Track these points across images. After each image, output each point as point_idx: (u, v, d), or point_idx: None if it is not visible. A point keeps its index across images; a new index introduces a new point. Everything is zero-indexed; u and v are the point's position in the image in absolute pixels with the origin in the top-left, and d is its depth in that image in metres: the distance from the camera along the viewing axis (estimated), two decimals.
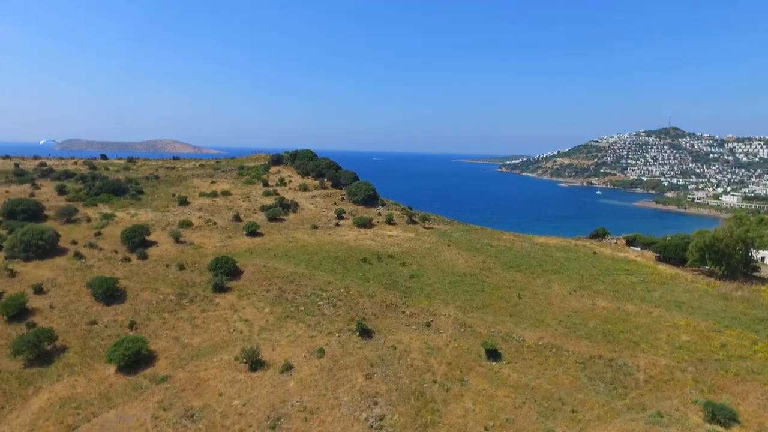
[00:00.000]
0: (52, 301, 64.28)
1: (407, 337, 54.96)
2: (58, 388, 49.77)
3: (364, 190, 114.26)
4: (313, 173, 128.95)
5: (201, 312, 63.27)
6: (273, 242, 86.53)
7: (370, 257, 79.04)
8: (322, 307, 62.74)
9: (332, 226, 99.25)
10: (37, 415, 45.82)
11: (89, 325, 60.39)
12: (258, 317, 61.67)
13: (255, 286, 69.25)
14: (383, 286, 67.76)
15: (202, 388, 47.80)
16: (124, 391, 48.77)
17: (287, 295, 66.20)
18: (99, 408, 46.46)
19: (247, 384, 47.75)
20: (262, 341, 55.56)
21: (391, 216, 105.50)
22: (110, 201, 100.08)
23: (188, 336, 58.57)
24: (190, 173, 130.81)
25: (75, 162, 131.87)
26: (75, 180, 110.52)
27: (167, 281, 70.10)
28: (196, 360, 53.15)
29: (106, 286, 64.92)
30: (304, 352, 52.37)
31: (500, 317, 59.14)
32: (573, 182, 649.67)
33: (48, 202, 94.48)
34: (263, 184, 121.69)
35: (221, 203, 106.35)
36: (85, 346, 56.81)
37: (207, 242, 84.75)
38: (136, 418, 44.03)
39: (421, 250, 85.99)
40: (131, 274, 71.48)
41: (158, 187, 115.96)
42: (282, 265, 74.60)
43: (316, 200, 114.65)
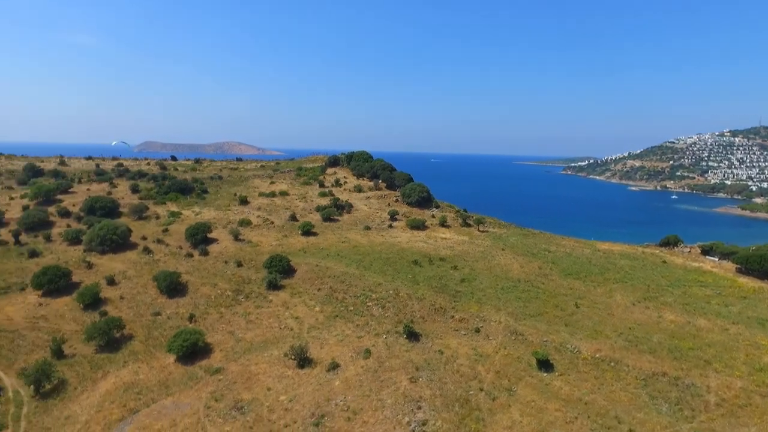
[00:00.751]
0: (122, 292, 69.02)
1: (455, 342, 53.76)
2: (123, 374, 53.21)
3: (418, 191, 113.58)
4: (368, 174, 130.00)
5: (255, 308, 65.37)
6: (326, 242, 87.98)
7: (421, 259, 78.27)
8: (370, 308, 62.85)
9: (385, 227, 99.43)
10: (104, 397, 49.21)
11: (153, 316, 64.21)
12: (308, 315, 62.80)
13: (307, 284, 70.63)
14: (433, 290, 66.81)
15: (252, 381, 49.26)
16: (181, 380, 51.28)
17: (337, 295, 66.94)
18: (158, 394, 49.15)
19: (294, 380, 48.63)
20: (311, 339, 56.46)
21: (445, 218, 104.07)
22: (177, 200, 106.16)
23: (242, 330, 60.70)
24: (251, 174, 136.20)
25: (148, 163, 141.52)
26: (147, 180, 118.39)
27: (225, 277, 73.12)
28: (248, 354, 54.92)
29: (169, 280, 68.77)
30: (351, 352, 52.60)
31: (554, 326, 56.41)
32: (645, 186, 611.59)
33: (123, 200, 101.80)
34: (319, 185, 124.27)
35: (279, 203, 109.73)
36: (149, 336, 60.44)
37: (264, 240, 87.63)
38: (190, 407, 46.11)
39: (474, 253, 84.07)
40: (193, 270, 75.26)
41: (221, 186, 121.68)
42: (334, 265, 75.60)
43: (370, 201, 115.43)
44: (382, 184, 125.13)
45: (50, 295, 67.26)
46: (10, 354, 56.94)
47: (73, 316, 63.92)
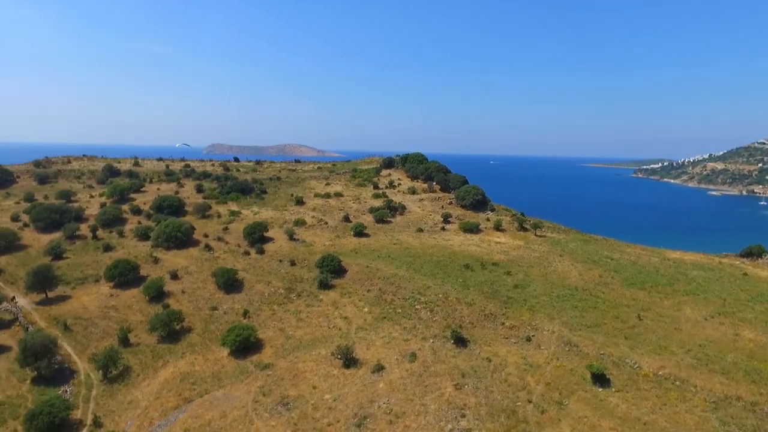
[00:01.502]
0: (183, 286, 72.81)
1: (504, 350, 51.83)
2: (181, 364, 56.01)
3: (473, 194, 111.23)
4: (423, 176, 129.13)
5: (306, 306, 66.61)
6: (378, 243, 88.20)
7: (473, 264, 76.44)
8: (419, 311, 62.11)
9: (438, 230, 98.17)
10: (162, 385, 52.01)
11: (211, 311, 67.15)
12: (357, 316, 63.08)
13: (357, 285, 71.03)
14: (483, 295, 64.97)
15: (299, 379, 50.11)
16: (233, 373, 53.15)
17: (386, 297, 66.77)
18: (211, 386, 51.24)
19: (340, 380, 48.92)
20: (358, 340, 56.62)
21: (500, 222, 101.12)
22: (238, 199, 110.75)
23: (293, 328, 62.02)
24: (308, 175, 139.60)
25: (213, 164, 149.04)
26: (211, 180, 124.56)
27: (279, 275, 75.16)
28: (297, 352, 55.98)
29: (227, 276, 71.70)
30: (397, 355, 52.17)
31: (613, 339, 52.93)
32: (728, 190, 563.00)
33: (188, 199, 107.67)
34: (373, 186, 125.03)
35: (333, 204, 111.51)
36: (205, 329, 63.27)
37: (317, 240, 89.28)
38: (239, 400, 47.65)
39: (529, 259, 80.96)
40: (249, 267, 78.01)
41: (279, 187, 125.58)
42: (384, 267, 75.56)
43: (423, 203, 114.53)
44: (436, 186, 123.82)
45: (120, 287, 72.24)
46: (84, 340, 61.71)
47: (140, 307, 68.21)
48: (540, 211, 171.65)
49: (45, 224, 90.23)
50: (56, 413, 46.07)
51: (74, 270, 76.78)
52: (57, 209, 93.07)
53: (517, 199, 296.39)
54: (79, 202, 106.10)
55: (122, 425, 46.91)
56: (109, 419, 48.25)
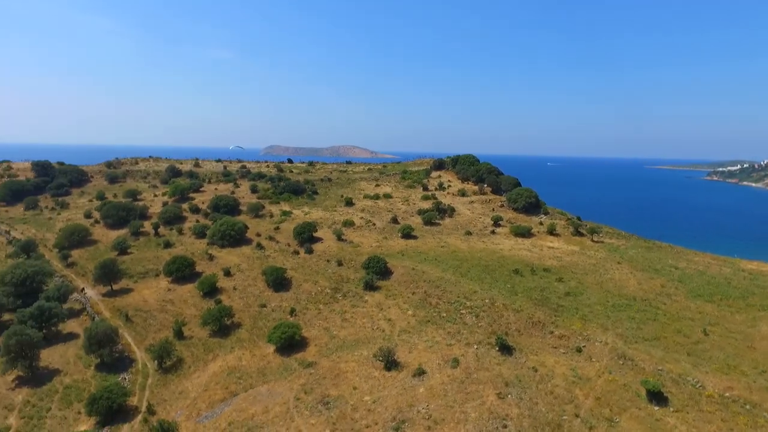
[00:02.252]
0: (235, 283, 75.37)
1: (552, 360, 49.51)
2: (229, 359, 57.90)
3: (525, 197, 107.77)
4: (473, 178, 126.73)
5: (351, 307, 66.95)
6: (425, 246, 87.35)
7: (523, 269, 73.92)
8: (464, 316, 60.74)
9: (487, 233, 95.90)
10: (210, 378, 53.97)
11: (260, 308, 69.02)
12: (401, 318, 62.62)
13: (402, 287, 70.60)
14: (532, 302, 62.55)
15: (340, 379, 50.30)
16: (277, 370, 54.24)
17: (431, 300, 65.86)
18: (256, 381, 52.54)
19: (380, 382, 48.63)
20: (401, 342, 56.12)
21: (554, 226, 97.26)
22: (290, 200, 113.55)
23: (337, 328, 62.51)
24: (358, 176, 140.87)
25: (267, 165, 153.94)
26: (265, 181, 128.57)
27: (326, 275, 76.11)
28: (340, 351, 56.30)
29: (276, 274, 73.48)
30: (439, 360, 51.17)
31: (674, 354, 49.20)
32: None
33: (243, 199, 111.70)
34: (423, 188, 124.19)
35: (382, 205, 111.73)
36: (254, 326, 65.07)
37: (365, 241, 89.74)
38: (281, 396, 48.51)
39: (583, 265, 77.23)
40: (297, 266, 79.58)
41: (330, 188, 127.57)
42: (430, 269, 74.65)
43: (473, 206, 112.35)
44: (487, 189, 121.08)
45: (177, 282, 75.88)
46: (143, 331, 65.25)
47: (194, 302, 71.27)
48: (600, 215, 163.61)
49: (113, 221, 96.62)
50: (114, 399, 48.93)
51: (137, 265, 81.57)
52: (124, 207, 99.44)
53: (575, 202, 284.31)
54: (144, 201, 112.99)
55: (173, 414, 49.08)
56: (162, 407, 50.64)
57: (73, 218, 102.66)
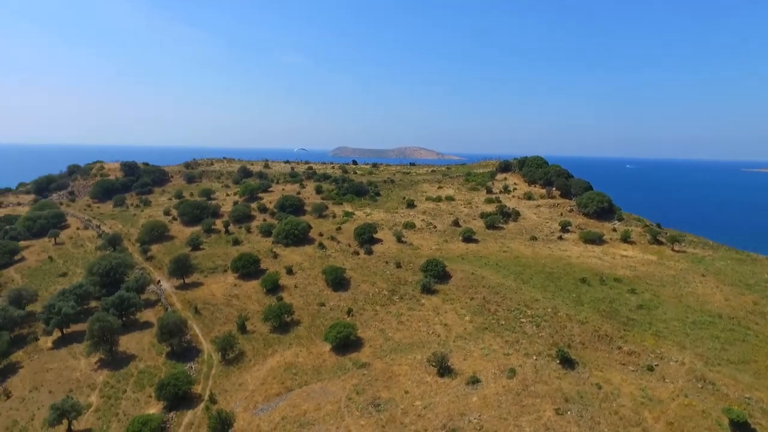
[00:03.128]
0: (297, 281, 77.45)
1: (618, 377, 45.93)
2: (287, 355, 59.46)
3: (597, 201, 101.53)
4: (541, 181, 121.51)
5: (407, 310, 66.44)
6: (486, 250, 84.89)
7: (591, 278, 69.53)
8: (523, 325, 58.14)
9: (554, 239, 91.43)
10: (268, 372, 55.69)
11: (318, 306, 70.39)
12: (457, 324, 61.18)
13: (460, 292, 69.01)
14: (599, 313, 58.59)
15: (392, 381, 49.91)
16: (332, 369, 54.89)
17: (490, 306, 63.75)
18: (310, 378, 53.50)
19: (432, 388, 47.65)
20: (456, 349, 54.75)
21: (629, 233, 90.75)
22: (353, 201, 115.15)
23: (392, 330, 62.24)
24: (421, 178, 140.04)
25: (333, 166, 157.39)
26: (330, 182, 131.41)
27: (384, 276, 76.15)
28: (393, 354, 55.95)
29: (335, 274, 74.63)
30: (495, 369, 49.27)
31: (765, 381, 43.84)
32: None
33: (308, 199, 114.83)
34: (487, 190, 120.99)
35: (444, 208, 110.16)
36: (312, 324, 66.43)
37: (424, 244, 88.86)
38: (334, 395, 48.97)
39: (661, 276, 71.29)
40: (357, 267, 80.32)
41: (392, 190, 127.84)
42: (490, 275, 72.37)
43: (540, 210, 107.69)
44: (556, 192, 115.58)
45: (243, 278, 79.29)
46: (210, 323, 68.77)
47: (257, 298, 74.09)
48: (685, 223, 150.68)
49: (189, 218, 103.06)
50: (180, 386, 51.90)
51: (207, 260, 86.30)
52: (198, 206, 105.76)
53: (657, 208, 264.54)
54: (216, 200, 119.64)
55: (232, 404, 51.16)
56: (222, 397, 52.96)
57: (154, 215, 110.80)
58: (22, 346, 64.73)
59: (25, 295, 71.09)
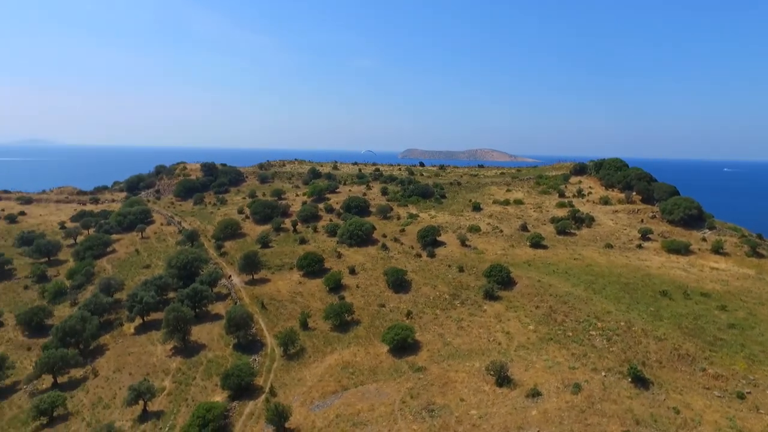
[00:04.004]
0: (358, 281, 78.10)
1: (701, 402, 41.39)
2: (345, 353, 59.99)
3: (684, 207, 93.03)
4: (620, 185, 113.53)
5: (468, 315, 64.69)
6: (555, 257, 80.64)
7: (673, 291, 63.71)
8: (593, 338, 54.37)
9: (632, 247, 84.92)
10: (326, 370, 56.47)
11: (378, 307, 70.45)
12: (520, 332, 58.55)
13: (525, 299, 66.07)
14: (681, 330, 53.35)
15: (448, 388, 48.62)
16: (388, 370, 54.59)
17: (557, 316, 60.37)
18: (366, 378, 53.52)
19: (489, 397, 45.79)
20: (517, 358, 52.35)
21: (721, 243, 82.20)
22: (418, 203, 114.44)
23: (452, 335, 60.84)
24: (489, 181, 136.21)
25: (399, 168, 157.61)
26: (395, 183, 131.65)
27: (446, 280, 74.76)
28: (451, 360, 54.59)
29: (396, 276, 74.39)
30: (558, 383, 46.38)
31: None
32: None
33: (373, 201, 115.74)
34: (559, 194, 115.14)
35: (511, 211, 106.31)
36: (371, 324, 66.59)
37: (489, 248, 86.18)
38: (388, 397, 48.57)
39: (759, 293, 63.84)
40: (418, 269, 79.55)
41: (459, 192, 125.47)
42: (558, 283, 68.63)
43: (617, 216, 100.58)
44: (636, 197, 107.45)
45: (308, 276, 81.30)
46: (274, 319, 71.15)
47: (320, 296, 75.60)
48: None
49: (260, 217, 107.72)
50: (243, 377, 54.03)
51: (275, 258, 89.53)
52: (269, 205, 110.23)
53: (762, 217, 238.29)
54: (286, 200, 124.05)
55: (290, 398, 52.37)
56: (282, 391, 54.42)
57: (229, 213, 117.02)
58: (109, 330, 70.90)
59: (114, 284, 77.82)
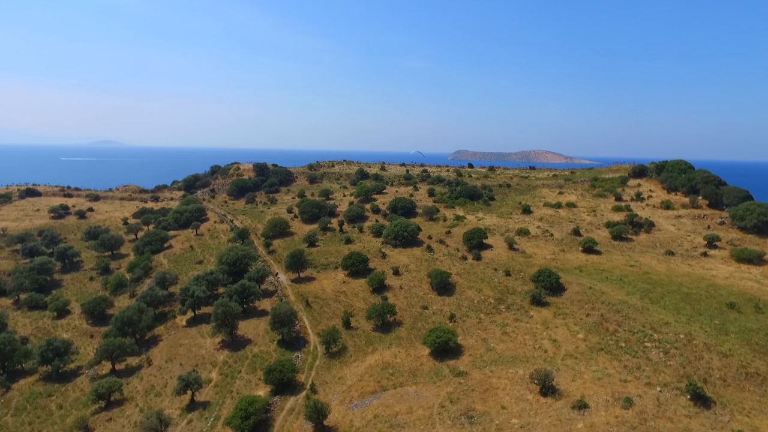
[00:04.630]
0: (402, 282, 77.66)
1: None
2: (386, 354, 59.70)
3: (758, 213, 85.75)
4: (683, 189, 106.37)
5: (514, 320, 62.72)
6: (610, 263, 76.63)
7: (743, 304, 58.76)
8: (648, 350, 51.06)
9: (696, 255, 79.24)
10: (366, 370, 56.37)
11: (421, 309, 69.65)
12: (568, 341, 55.97)
13: (575, 307, 63.19)
14: (750, 347, 49.01)
15: (489, 394, 47.18)
16: (428, 373, 53.74)
17: (609, 326, 57.23)
18: (406, 380, 52.94)
19: (532, 407, 43.97)
20: (564, 368, 50.05)
21: None
22: (465, 204, 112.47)
23: (495, 341, 59.15)
24: (540, 183, 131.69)
25: (448, 169, 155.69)
26: (443, 185, 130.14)
27: (491, 284, 72.90)
28: (494, 366, 53.00)
29: (440, 278, 73.31)
30: (608, 395, 43.86)
31: None
32: None
33: (420, 202, 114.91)
34: (615, 197, 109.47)
35: (563, 215, 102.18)
36: (413, 326, 65.92)
37: (538, 253, 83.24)
38: (427, 400, 47.75)
39: None
40: (463, 272, 78.05)
41: (508, 194, 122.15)
42: (612, 291, 65.15)
43: (680, 221, 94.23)
44: (702, 202, 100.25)
45: (352, 276, 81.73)
46: (318, 317, 71.99)
47: (363, 296, 75.78)
48: None
49: (308, 216, 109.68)
50: (285, 373, 54.94)
51: (321, 257, 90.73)
52: (317, 205, 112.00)
53: None
54: (334, 200, 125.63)
55: (330, 396, 52.70)
56: (322, 389, 54.86)
57: (278, 212, 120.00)
58: (163, 321, 74.40)
59: (169, 278, 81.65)
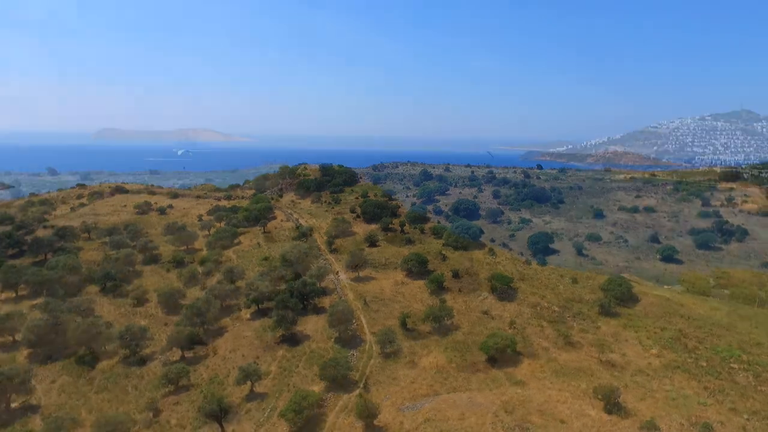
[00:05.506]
0: (461, 285, 75.95)
1: None
2: (440, 358, 58.51)
3: None
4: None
5: (579, 331, 59.23)
6: (692, 273, 69.93)
7: None
8: (734, 372, 45.96)
9: None
10: (419, 372, 55.56)
11: (481, 314, 67.69)
12: (639, 356, 51.79)
13: (649, 319, 58.45)
14: None
15: (548, 407, 44.65)
16: (483, 380, 51.96)
17: (687, 342, 52.28)
18: (460, 385, 51.58)
19: (595, 424, 40.98)
20: (633, 385, 46.30)
21: None
22: (531, 207, 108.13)
23: (558, 351, 56.15)
24: (616, 186, 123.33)
25: (515, 170, 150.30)
26: (509, 187, 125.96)
27: (556, 291, 69.41)
28: (554, 377, 50.20)
29: (502, 282, 70.87)
30: (682, 419, 39.86)
31: None
32: None
33: (483, 204, 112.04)
34: (702, 202, 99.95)
35: (639, 220, 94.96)
36: (471, 330, 64.14)
37: (610, 260, 78.00)
38: (480, 408, 46.07)
39: None
40: (526, 277, 75.03)
41: (578, 197, 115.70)
42: (693, 304, 59.57)
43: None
44: None
45: (411, 277, 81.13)
46: (376, 316, 72.04)
47: (421, 297, 74.91)
48: None
49: (369, 216, 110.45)
50: (339, 370, 55.37)
51: (381, 257, 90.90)
52: (379, 205, 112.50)
53: None
54: (396, 200, 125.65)
55: (381, 396, 52.41)
56: (375, 388, 54.71)
57: (341, 212, 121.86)
58: (229, 314, 77.96)
59: (236, 273, 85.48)
